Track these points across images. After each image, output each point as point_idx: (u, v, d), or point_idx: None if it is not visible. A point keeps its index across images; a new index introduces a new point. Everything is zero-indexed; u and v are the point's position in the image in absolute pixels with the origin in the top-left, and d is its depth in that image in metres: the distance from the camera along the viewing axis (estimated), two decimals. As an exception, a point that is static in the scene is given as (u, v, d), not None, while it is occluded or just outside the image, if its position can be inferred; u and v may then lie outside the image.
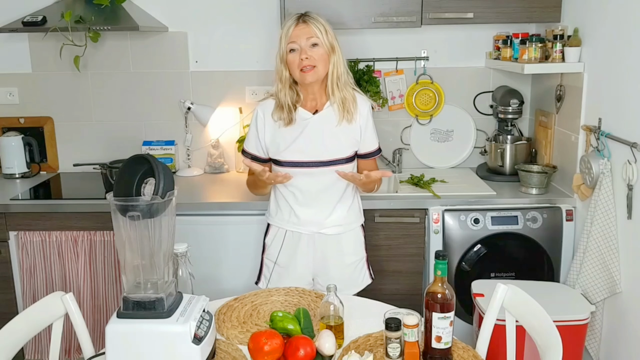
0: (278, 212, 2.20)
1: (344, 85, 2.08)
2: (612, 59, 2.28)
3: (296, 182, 2.10)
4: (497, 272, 2.61)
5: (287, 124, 2.08)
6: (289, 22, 2.05)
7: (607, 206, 2.24)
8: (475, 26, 2.95)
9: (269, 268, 2.25)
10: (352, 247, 2.21)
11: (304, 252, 2.17)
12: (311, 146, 2.08)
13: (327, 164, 2.08)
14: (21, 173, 3.11)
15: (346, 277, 2.18)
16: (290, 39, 2.02)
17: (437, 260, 1.52)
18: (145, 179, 1.47)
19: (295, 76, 2.05)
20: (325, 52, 2.03)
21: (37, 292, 2.74)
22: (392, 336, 1.53)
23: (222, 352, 1.61)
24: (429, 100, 3.09)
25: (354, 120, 2.09)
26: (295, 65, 2.02)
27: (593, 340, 2.39)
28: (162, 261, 1.48)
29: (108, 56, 3.12)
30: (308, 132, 2.08)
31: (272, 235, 2.23)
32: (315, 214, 2.13)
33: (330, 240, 2.16)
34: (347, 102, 2.07)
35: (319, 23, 2.04)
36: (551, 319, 1.58)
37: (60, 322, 1.72)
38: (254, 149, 2.17)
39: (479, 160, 3.15)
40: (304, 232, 2.15)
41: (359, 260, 2.23)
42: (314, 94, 2.10)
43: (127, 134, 3.19)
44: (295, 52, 2.02)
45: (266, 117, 2.13)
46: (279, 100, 2.09)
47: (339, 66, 2.06)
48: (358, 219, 2.23)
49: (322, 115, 2.10)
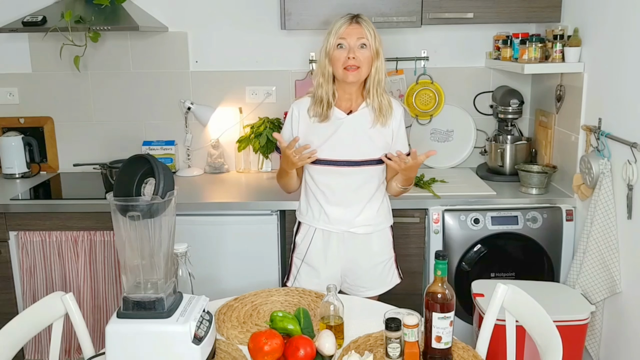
0: (308, 210, 2.20)
1: (382, 91, 2.10)
2: (612, 59, 2.28)
3: (327, 181, 2.12)
4: (497, 272, 2.61)
5: (323, 120, 2.10)
6: (342, 20, 2.06)
7: (607, 206, 2.24)
8: (475, 26, 2.95)
9: (298, 268, 2.25)
10: (381, 247, 2.22)
11: (334, 251, 2.18)
12: (344, 146, 2.10)
13: (359, 164, 2.10)
14: (21, 173, 3.11)
15: (375, 277, 2.20)
16: (340, 35, 2.03)
17: (437, 260, 1.52)
18: (145, 179, 1.47)
19: (337, 73, 2.06)
20: (371, 56, 2.05)
21: (37, 292, 2.74)
22: (392, 336, 1.53)
23: (222, 352, 1.61)
24: (429, 100, 3.09)
25: (388, 124, 2.12)
26: (340, 62, 2.03)
27: (593, 340, 2.39)
28: (162, 261, 1.48)
29: (108, 56, 3.12)
30: (341, 132, 2.10)
31: (303, 234, 2.23)
32: (345, 213, 2.14)
33: (359, 240, 2.17)
34: (383, 106, 2.09)
35: (370, 26, 2.06)
36: (551, 319, 1.58)
37: (60, 322, 1.72)
38: None
39: (479, 160, 3.15)
40: (334, 231, 2.16)
41: (387, 260, 2.24)
42: (351, 94, 2.12)
43: (127, 134, 3.19)
44: (342, 49, 2.04)
45: (301, 113, 2.14)
46: (317, 95, 2.11)
47: (381, 71, 2.08)
48: (387, 220, 2.24)
49: (356, 116, 2.11)
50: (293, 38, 3.05)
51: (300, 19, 2.70)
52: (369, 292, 2.21)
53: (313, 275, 2.20)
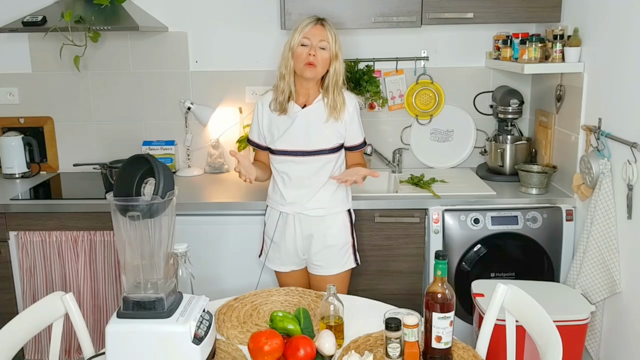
0: (273, 193, 2.42)
1: (339, 90, 2.29)
2: (612, 59, 2.28)
3: (284, 168, 2.32)
4: (497, 272, 2.61)
5: (281, 112, 2.29)
6: (308, 20, 2.25)
7: (607, 206, 2.24)
8: (475, 26, 2.95)
9: (266, 244, 2.46)
10: (335, 230, 2.36)
11: (290, 230, 2.36)
12: (299, 137, 2.28)
13: (312, 153, 2.28)
14: (21, 173, 3.11)
15: (328, 257, 2.36)
16: (305, 34, 2.22)
17: (437, 260, 1.52)
18: (145, 179, 1.47)
19: (297, 68, 2.24)
20: (329, 57, 2.25)
21: (37, 292, 2.74)
22: (392, 336, 1.54)
23: (222, 352, 1.61)
24: (429, 100, 3.09)
25: (341, 119, 2.29)
26: (301, 58, 2.22)
27: (593, 340, 2.39)
28: (162, 261, 1.48)
29: (108, 56, 3.12)
30: (296, 124, 2.28)
31: (268, 214, 2.45)
32: (298, 197, 2.32)
33: (314, 221, 2.34)
34: (338, 105, 2.27)
35: (332, 31, 2.26)
36: (551, 319, 1.58)
37: (60, 322, 1.73)
38: (256, 138, 2.40)
39: (479, 160, 3.15)
40: (290, 212, 2.35)
41: (343, 244, 2.38)
42: (307, 89, 2.30)
43: (127, 134, 3.19)
44: (305, 47, 2.22)
45: (264, 108, 2.35)
46: (279, 88, 2.29)
47: (339, 73, 2.27)
48: (342, 204, 2.38)
49: (310, 110, 2.29)
50: (293, 38, 3.05)
51: (300, 19, 2.68)
52: (324, 270, 2.37)
53: (275, 250, 2.41)
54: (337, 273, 2.37)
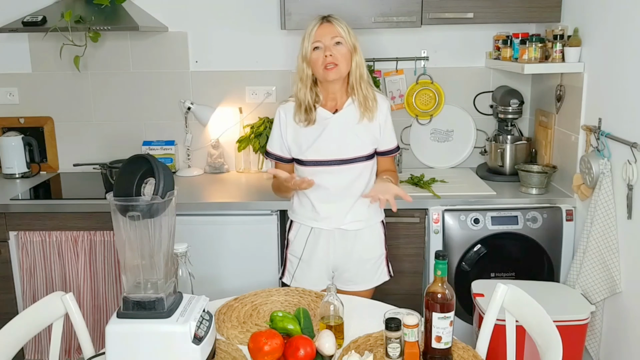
0: (300, 208, 2.22)
1: (366, 84, 2.12)
2: (612, 59, 2.28)
3: (318, 180, 2.11)
4: (497, 272, 2.61)
5: (308, 124, 2.12)
6: (313, 23, 2.09)
7: (607, 206, 2.24)
8: (475, 26, 2.95)
9: (292, 264, 2.27)
10: (372, 243, 2.23)
11: (324, 247, 2.19)
12: (332, 145, 2.12)
13: (348, 162, 2.12)
14: (21, 173, 3.11)
15: (363, 273, 2.22)
16: (314, 37, 2.06)
17: (437, 260, 1.52)
18: (145, 179, 1.47)
19: (318, 74, 2.08)
20: (348, 51, 2.07)
21: (37, 292, 2.74)
22: (392, 336, 1.53)
23: (222, 352, 1.61)
24: (429, 100, 3.09)
25: (375, 118, 2.13)
26: (319, 63, 2.06)
27: (593, 340, 2.39)
28: (162, 261, 1.48)
29: (108, 56, 3.12)
30: (329, 132, 2.12)
31: (295, 231, 2.25)
32: (335, 210, 2.16)
33: (349, 236, 2.18)
34: (369, 100, 2.11)
35: (342, 23, 2.09)
36: (551, 319, 1.58)
37: (60, 322, 1.72)
38: (278, 150, 2.21)
39: (479, 160, 3.15)
40: (324, 228, 2.18)
41: (377, 257, 2.25)
42: (335, 94, 2.14)
43: (127, 134, 3.19)
44: (319, 50, 2.06)
45: (288, 118, 2.16)
46: (298, 100, 2.13)
47: (361, 66, 2.11)
48: (378, 215, 2.25)
49: (342, 114, 2.13)
50: (293, 38, 3.04)
51: (300, 19, 2.69)
52: (357, 287, 2.22)
53: (305, 270, 2.23)
54: (371, 288, 2.25)
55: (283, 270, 2.33)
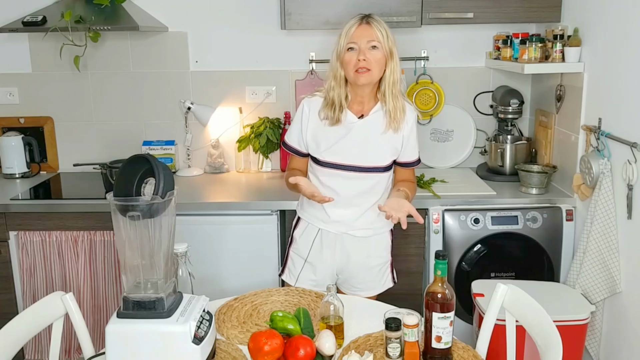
0: (310, 207, 2.18)
1: (397, 93, 2.06)
2: (612, 59, 2.28)
3: (332, 183, 2.09)
4: (497, 272, 2.61)
5: (334, 123, 2.07)
6: (352, 21, 2.03)
7: (607, 206, 2.24)
8: (475, 26, 2.95)
9: (294, 262, 2.24)
10: (378, 250, 2.20)
11: (330, 250, 2.17)
12: (353, 151, 2.07)
13: (366, 170, 2.08)
14: (21, 173, 3.11)
15: (369, 279, 2.20)
16: (350, 38, 2.00)
17: (437, 260, 1.52)
18: (145, 179, 1.47)
19: (349, 76, 2.03)
20: (383, 57, 2.01)
21: (37, 292, 2.74)
22: (392, 336, 1.53)
23: (222, 352, 1.61)
24: (429, 100, 3.09)
25: (400, 130, 2.08)
26: (351, 65, 2.00)
27: (593, 340, 2.39)
28: (162, 261, 1.48)
29: (108, 56, 3.12)
30: (352, 137, 2.07)
31: (301, 230, 2.22)
32: (345, 215, 2.12)
33: (357, 242, 2.16)
34: (398, 111, 2.05)
35: (381, 26, 2.02)
36: (551, 319, 1.58)
37: (60, 322, 1.73)
38: (295, 143, 2.16)
39: (479, 160, 3.15)
40: (332, 231, 2.15)
41: (383, 264, 2.22)
42: (363, 97, 2.08)
43: (127, 134, 3.19)
44: (353, 52, 2.00)
45: (311, 113, 2.11)
46: (329, 98, 2.07)
47: (395, 73, 2.04)
48: (388, 224, 2.20)
49: (368, 121, 2.08)
50: (293, 38, 3.05)
51: (300, 19, 2.69)
52: (361, 292, 2.19)
53: (309, 271, 2.20)
54: (376, 295, 2.21)
55: (283, 267, 2.30)
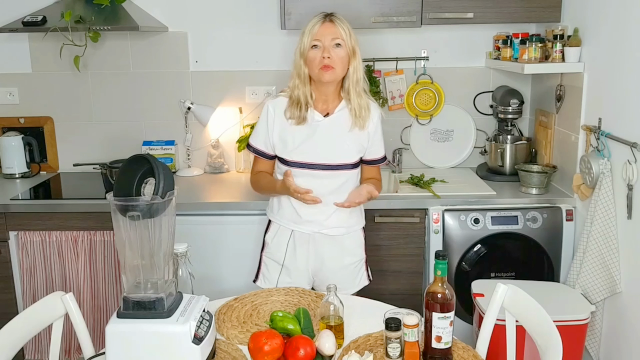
0: (280, 209, 2.18)
1: (361, 91, 2.08)
2: (612, 59, 2.28)
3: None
4: (497, 272, 2.61)
5: (300, 122, 2.07)
6: (315, 19, 2.04)
7: (607, 206, 2.24)
8: (475, 26, 2.95)
9: (268, 267, 2.24)
10: (352, 248, 2.21)
11: (303, 250, 2.17)
12: (320, 149, 2.08)
13: (334, 168, 2.09)
14: (21, 173, 3.11)
15: (344, 278, 2.18)
16: (315, 35, 2.01)
17: (437, 260, 1.52)
18: (145, 179, 1.47)
19: (313, 73, 2.04)
20: (347, 55, 2.03)
21: (37, 292, 2.74)
22: (392, 336, 1.53)
23: (222, 352, 1.61)
24: (429, 100, 3.09)
25: (366, 127, 2.10)
26: (315, 63, 2.01)
27: (593, 340, 2.39)
28: (162, 261, 1.48)
29: (108, 56, 3.12)
30: (318, 135, 2.08)
31: (273, 233, 2.22)
32: (316, 214, 2.12)
33: (330, 241, 2.16)
34: (362, 109, 2.07)
35: (344, 25, 2.04)
36: (551, 319, 1.58)
37: (60, 322, 1.73)
38: (262, 145, 2.16)
39: (479, 160, 3.15)
40: (305, 231, 2.15)
41: (357, 262, 2.23)
42: (327, 96, 2.10)
43: (127, 134, 3.19)
44: (317, 49, 2.01)
45: (277, 113, 2.11)
46: (294, 97, 2.08)
47: (358, 71, 2.06)
48: (359, 222, 2.23)
49: (333, 119, 2.10)
50: (293, 38, 3.04)
51: (300, 19, 2.69)
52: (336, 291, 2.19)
53: (284, 274, 2.20)
54: (351, 293, 2.18)
55: (257, 273, 2.28)
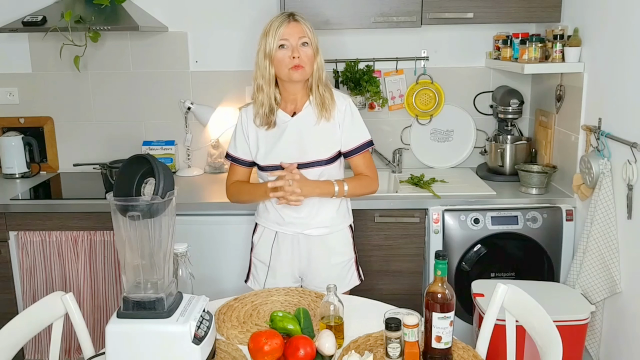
0: (265, 211, 2.19)
1: (324, 86, 2.08)
2: (612, 59, 2.28)
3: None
4: (497, 272, 2.61)
5: (269, 127, 2.08)
6: (280, 19, 2.02)
7: (607, 206, 2.24)
8: (475, 26, 2.95)
9: (257, 268, 2.24)
10: (339, 247, 2.19)
11: (288, 252, 2.16)
12: (291, 149, 2.07)
13: (308, 165, 2.07)
14: (21, 173, 3.11)
15: (333, 277, 2.13)
16: (282, 35, 1.99)
17: (437, 260, 1.52)
18: (145, 179, 1.47)
19: (282, 74, 2.03)
20: (313, 53, 2.03)
21: (37, 292, 2.74)
22: (392, 336, 1.53)
23: (222, 352, 1.61)
24: (429, 100, 3.09)
25: (332, 118, 2.08)
26: (284, 63, 2.00)
27: (593, 340, 2.39)
28: (162, 261, 1.48)
29: (108, 56, 3.12)
30: (287, 135, 2.08)
31: (259, 235, 2.22)
32: (299, 216, 2.11)
33: (315, 241, 2.15)
34: (326, 101, 2.06)
35: (307, 23, 2.04)
36: (551, 319, 1.58)
37: (60, 322, 1.72)
38: (241, 153, 2.16)
39: (479, 160, 3.15)
40: (288, 233, 2.14)
41: (346, 261, 2.21)
42: (295, 95, 2.09)
43: (127, 134, 3.19)
44: (284, 49, 2.00)
45: (249, 121, 2.12)
46: (258, 101, 2.07)
47: (321, 67, 2.07)
48: (345, 220, 2.21)
49: (301, 117, 2.09)
50: (293, 38, 3.05)
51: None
52: None
53: (270, 275, 2.19)
54: (342, 293, 2.12)
55: (248, 273, 2.28)
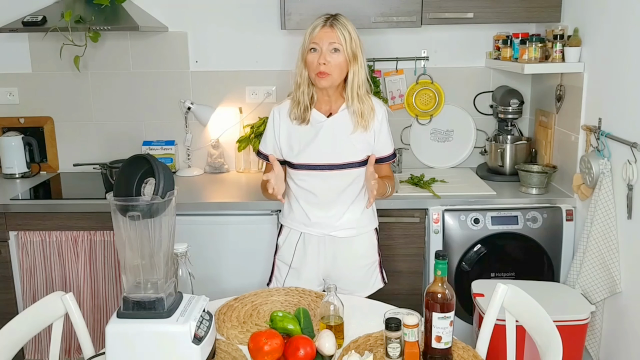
0: (291, 212, 2.17)
1: (364, 96, 2.05)
2: (612, 59, 2.28)
3: (309, 185, 2.08)
4: (497, 272, 2.61)
5: (302, 122, 2.06)
6: (317, 22, 2.01)
7: (607, 206, 2.24)
8: (475, 26, 2.95)
9: (280, 270, 2.23)
10: (365, 250, 2.18)
11: (314, 253, 2.15)
12: (324, 150, 2.06)
13: (340, 167, 2.06)
14: (21, 173, 3.11)
15: (357, 280, 2.17)
16: (313, 39, 1.99)
17: (437, 260, 1.52)
18: (145, 179, 1.47)
19: (311, 77, 2.03)
20: (345, 60, 2.00)
21: (37, 292, 2.74)
22: (392, 336, 1.53)
23: (222, 352, 1.61)
24: (429, 100, 3.09)
25: (369, 128, 2.07)
26: (312, 66, 2.00)
27: (593, 340, 2.39)
28: (162, 261, 1.48)
29: (108, 56, 3.12)
30: (322, 136, 2.06)
31: (284, 237, 2.21)
32: (327, 217, 2.10)
33: (341, 243, 2.14)
34: (365, 112, 2.04)
35: (345, 29, 1.99)
36: (551, 319, 1.58)
37: (60, 322, 1.73)
38: (270, 150, 2.14)
39: (479, 160, 3.15)
40: (314, 234, 2.13)
41: (371, 264, 2.20)
42: (329, 97, 2.08)
43: (127, 134, 3.19)
44: (315, 53, 1.99)
45: (282, 117, 2.11)
46: (295, 97, 2.07)
47: (360, 75, 2.02)
48: (372, 223, 2.20)
49: (336, 119, 2.07)
50: (293, 38, 3.04)
51: (300, 19, 2.69)
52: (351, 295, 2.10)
53: (293, 277, 2.18)
54: (366, 296, 2.15)
55: (270, 276, 2.27)
